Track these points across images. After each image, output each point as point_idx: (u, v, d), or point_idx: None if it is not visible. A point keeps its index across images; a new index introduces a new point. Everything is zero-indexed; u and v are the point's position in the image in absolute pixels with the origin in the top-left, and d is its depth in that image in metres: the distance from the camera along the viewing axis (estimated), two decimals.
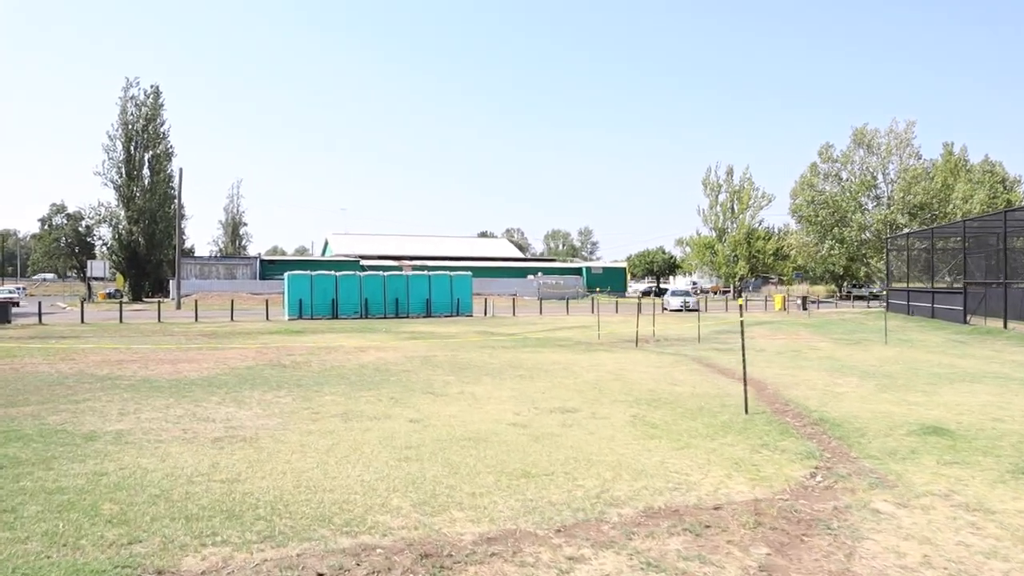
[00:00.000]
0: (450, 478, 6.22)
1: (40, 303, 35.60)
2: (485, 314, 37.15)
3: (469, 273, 38.07)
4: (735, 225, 72.66)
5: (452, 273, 37.47)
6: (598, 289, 71.46)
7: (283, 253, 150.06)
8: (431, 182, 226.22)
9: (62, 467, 6.56)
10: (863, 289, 70.30)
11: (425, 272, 37.28)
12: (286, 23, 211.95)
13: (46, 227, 68.10)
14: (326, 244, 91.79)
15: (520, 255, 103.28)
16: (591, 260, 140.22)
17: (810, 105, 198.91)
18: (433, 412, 9.41)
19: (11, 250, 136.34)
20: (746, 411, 9.40)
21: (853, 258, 61.49)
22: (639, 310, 23.68)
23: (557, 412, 9.46)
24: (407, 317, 34.72)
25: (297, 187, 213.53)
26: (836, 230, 59.01)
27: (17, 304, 40.31)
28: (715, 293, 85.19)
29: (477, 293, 46.87)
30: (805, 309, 44.70)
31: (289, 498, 5.60)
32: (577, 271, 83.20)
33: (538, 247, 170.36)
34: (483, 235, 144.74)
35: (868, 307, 49.49)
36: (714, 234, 73.84)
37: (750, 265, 72.37)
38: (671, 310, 41.96)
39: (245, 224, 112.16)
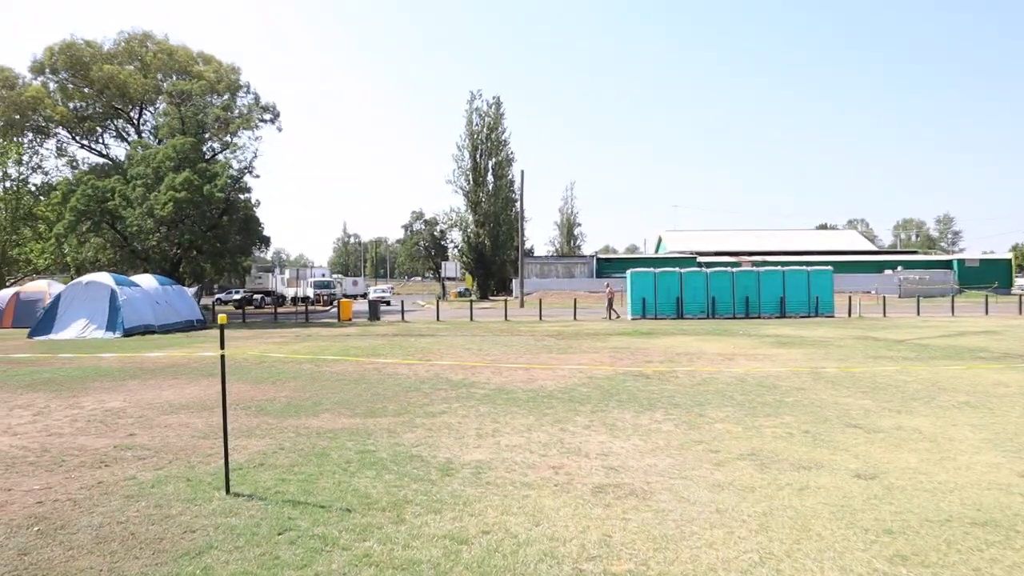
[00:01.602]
0: None
1: (403, 302, 38.46)
2: (849, 314, 32.28)
3: (830, 268, 33.41)
4: None
5: (809, 268, 33.15)
6: (975, 285, 60.49)
7: (614, 252, 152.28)
8: (760, 176, 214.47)
9: (415, 521, 5.04)
10: None
11: (779, 268, 33.42)
12: (614, 25, 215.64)
13: (408, 233, 75.51)
14: (659, 241, 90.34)
15: (872, 247, 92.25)
16: (953, 252, 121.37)
17: None
18: (882, 461, 6.60)
19: (383, 255, 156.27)
20: None
21: None
22: None
23: None
24: (758, 317, 31.34)
25: (627, 186, 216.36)
26: None
27: (388, 303, 44.37)
28: None
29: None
30: None
31: None
32: (946, 264, 71.50)
33: (885, 239, 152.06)
34: (822, 227, 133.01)
35: None
36: None
37: None
38: None
39: (579, 224, 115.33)
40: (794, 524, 4.91)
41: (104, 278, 26.27)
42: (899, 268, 67.90)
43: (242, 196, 36.19)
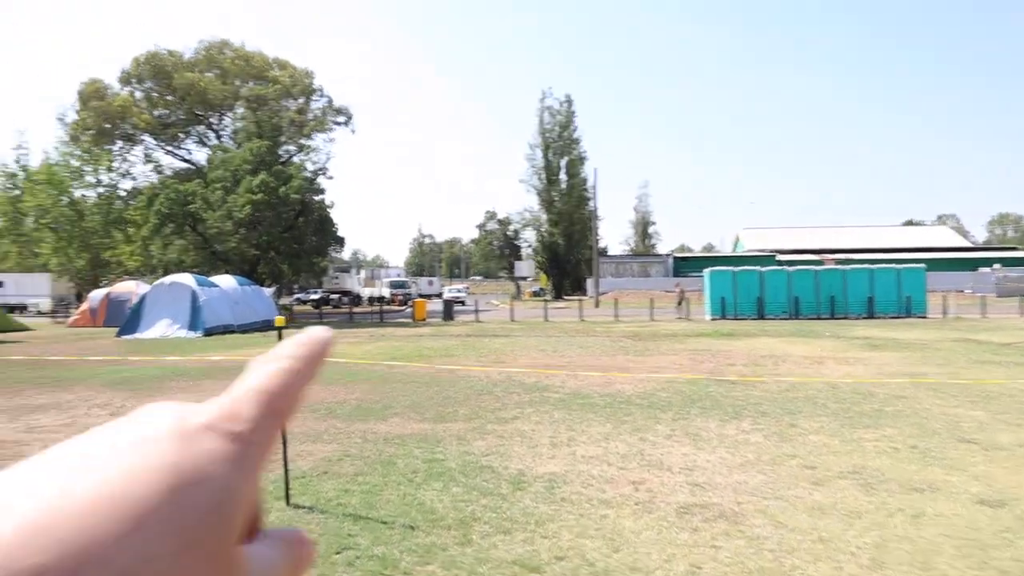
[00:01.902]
0: None
1: (476, 301, 38.33)
2: (944, 315, 30.44)
3: (923, 266, 31.59)
4: None
5: (900, 266, 31.44)
6: None
7: (690, 251, 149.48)
8: (842, 172, 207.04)
9: (483, 542, 4.64)
10: None
11: (866, 266, 31.83)
12: (687, 19, 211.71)
13: (482, 232, 75.66)
14: (737, 240, 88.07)
15: (965, 244, 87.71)
16: None
17: None
18: (1008, 485, 5.85)
19: (457, 255, 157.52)
20: None
21: None
22: None
23: None
24: (845, 318, 29.86)
25: (702, 185, 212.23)
26: None
27: (463, 303, 44.43)
28: None
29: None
30: None
31: None
32: None
33: (979, 236, 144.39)
34: (909, 223, 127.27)
35: None
36: None
37: None
38: None
39: (653, 223, 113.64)
40: (913, 560, 4.29)
41: (186, 279, 26.92)
42: (996, 266, 64.20)
43: (317, 198, 36.64)
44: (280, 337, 5.70)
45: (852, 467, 6.38)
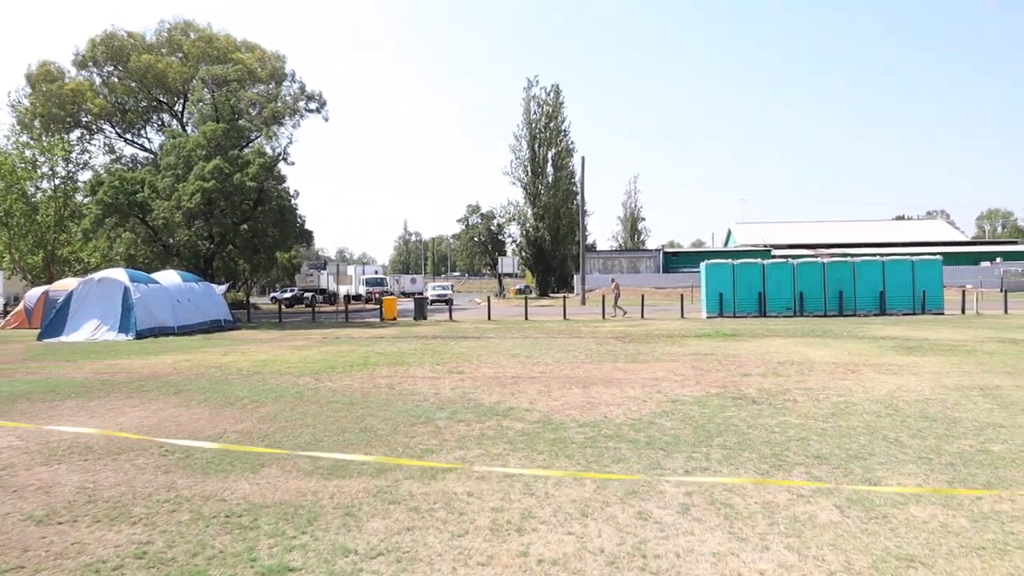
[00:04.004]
0: None
1: (451, 300, 35.44)
2: (962, 311, 27.76)
3: (939, 258, 28.91)
4: None
5: (915, 258, 28.72)
6: None
7: (679, 247, 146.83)
8: (830, 167, 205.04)
9: None
10: None
11: (878, 258, 29.11)
12: (673, 13, 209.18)
13: (464, 227, 72.62)
14: (728, 234, 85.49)
15: (961, 238, 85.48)
16: None
17: None
18: None
19: (443, 252, 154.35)
20: None
21: None
22: None
23: None
24: (854, 315, 27.14)
25: (691, 180, 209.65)
26: None
27: (449, 301, 41.80)
28: None
29: None
30: None
31: None
32: None
33: (968, 231, 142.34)
34: (899, 219, 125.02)
35: None
36: None
37: None
38: None
39: (643, 219, 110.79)
40: None
41: (118, 274, 23.83)
42: (998, 260, 61.89)
43: (280, 186, 33.48)
44: None
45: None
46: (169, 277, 26.10)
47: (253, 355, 15.99)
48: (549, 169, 68.98)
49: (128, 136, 46.94)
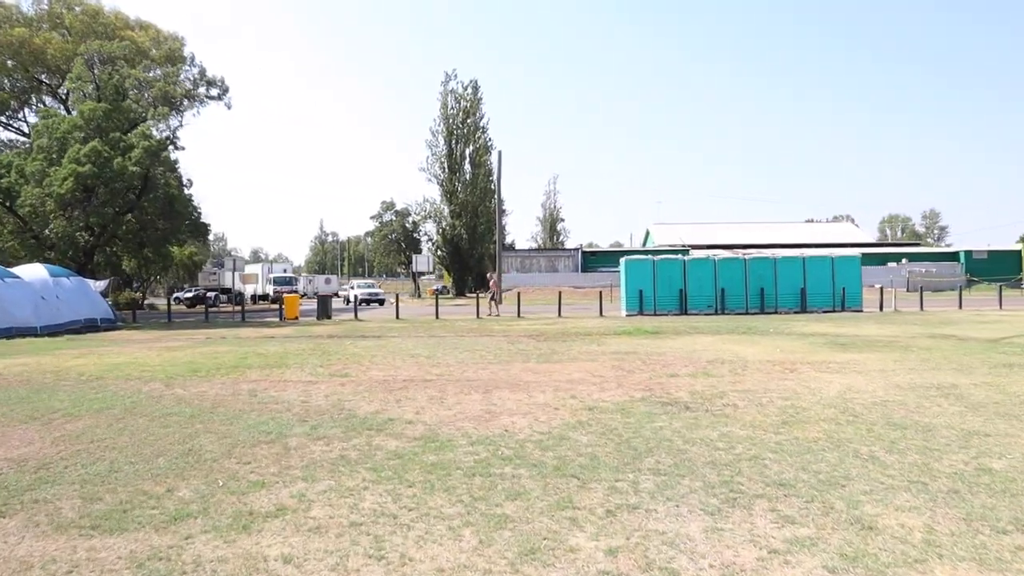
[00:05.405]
0: None
1: (356, 298, 33.38)
2: (880, 308, 27.45)
3: (858, 255, 28.59)
4: None
5: (834, 255, 28.29)
6: (984, 277, 56.15)
7: (599, 247, 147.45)
8: (745, 172, 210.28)
9: None
10: None
11: (798, 254, 28.54)
12: (597, 15, 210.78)
13: (378, 224, 70.13)
14: (647, 234, 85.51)
15: (869, 239, 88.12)
16: (940, 247, 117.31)
17: None
18: None
19: (361, 253, 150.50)
20: None
21: None
22: None
23: None
24: (775, 312, 26.44)
25: (610, 182, 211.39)
26: None
27: (382, 302, 39.68)
28: None
29: None
30: None
31: None
32: (952, 256, 67.25)
33: (871, 235, 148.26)
34: (809, 221, 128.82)
35: None
36: None
37: None
38: None
39: (562, 220, 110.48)
40: None
41: None
42: (904, 260, 63.56)
43: (170, 173, 30.64)
44: None
45: None
46: (33, 271, 23.19)
47: (112, 358, 13.72)
48: (467, 166, 67.13)
49: (2, 119, 42.84)
